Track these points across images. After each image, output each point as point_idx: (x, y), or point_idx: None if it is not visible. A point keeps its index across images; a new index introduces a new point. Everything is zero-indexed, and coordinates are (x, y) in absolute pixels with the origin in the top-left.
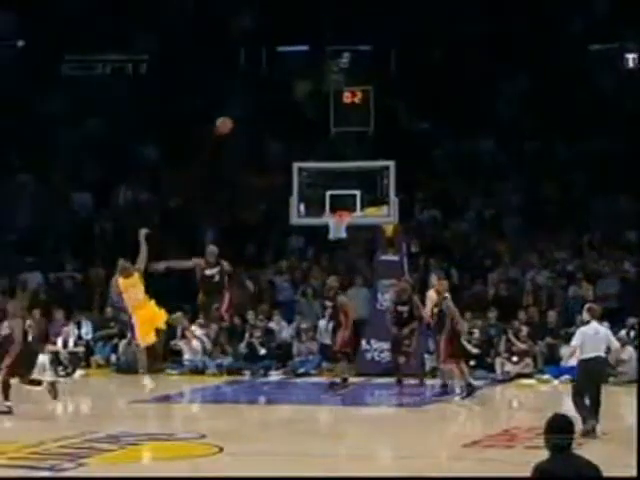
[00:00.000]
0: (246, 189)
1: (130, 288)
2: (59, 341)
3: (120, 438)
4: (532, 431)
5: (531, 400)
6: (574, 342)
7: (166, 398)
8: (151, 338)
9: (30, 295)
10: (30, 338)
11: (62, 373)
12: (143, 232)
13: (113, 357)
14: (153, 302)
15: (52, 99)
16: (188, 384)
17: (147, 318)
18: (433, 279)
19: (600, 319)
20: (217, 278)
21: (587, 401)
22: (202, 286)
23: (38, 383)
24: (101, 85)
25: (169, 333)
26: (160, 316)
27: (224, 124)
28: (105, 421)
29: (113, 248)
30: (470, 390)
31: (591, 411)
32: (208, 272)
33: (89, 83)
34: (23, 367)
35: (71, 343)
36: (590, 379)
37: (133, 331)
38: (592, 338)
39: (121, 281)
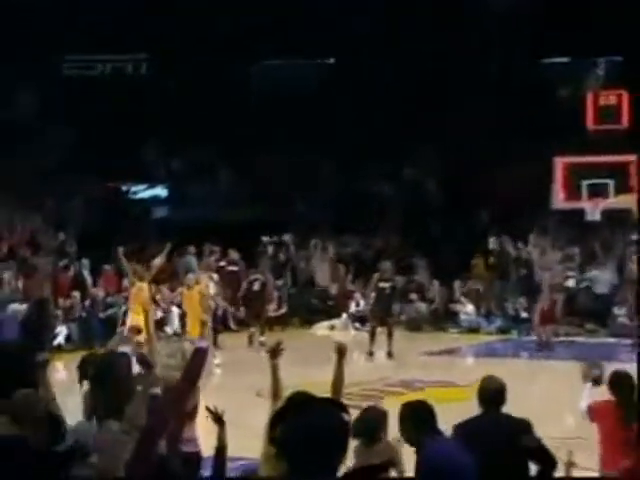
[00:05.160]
0: (512, 177)
1: (140, 292)
2: (352, 305)
3: (411, 383)
4: None
5: None
6: None
7: (448, 352)
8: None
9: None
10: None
11: (357, 325)
12: (120, 250)
13: (402, 317)
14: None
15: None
16: (465, 341)
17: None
18: None
19: None
20: (388, 290)
21: None
22: (377, 296)
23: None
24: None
25: (450, 295)
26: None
27: None
28: (399, 369)
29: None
30: None
31: None
32: (381, 285)
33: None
34: None
35: (362, 305)
36: None
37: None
38: None
39: (138, 284)
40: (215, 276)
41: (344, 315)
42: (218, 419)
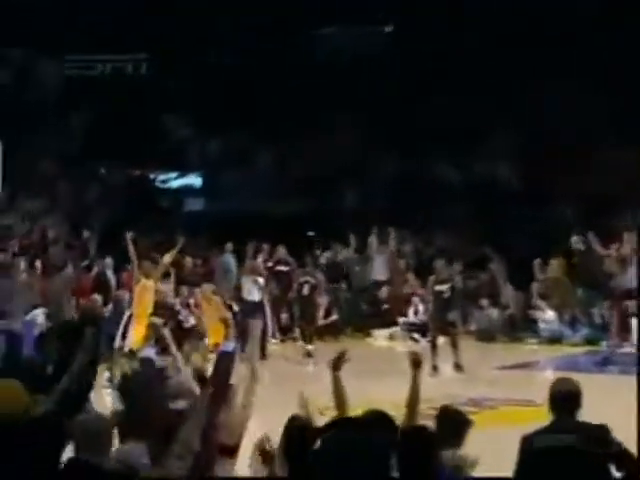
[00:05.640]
0: (602, 164)
1: (144, 291)
2: (410, 311)
3: (482, 401)
4: None
5: None
6: None
7: (525, 365)
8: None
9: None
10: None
11: (416, 336)
12: (129, 235)
13: (472, 326)
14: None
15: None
16: (546, 353)
17: (145, 326)
18: None
19: None
20: (447, 294)
21: None
22: (434, 301)
23: None
24: None
25: (527, 299)
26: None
27: None
28: (468, 385)
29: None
30: None
31: None
32: (438, 287)
33: None
34: None
35: (421, 310)
36: None
37: (125, 332)
38: None
39: (144, 281)
40: (261, 280)
41: (401, 321)
42: (269, 458)
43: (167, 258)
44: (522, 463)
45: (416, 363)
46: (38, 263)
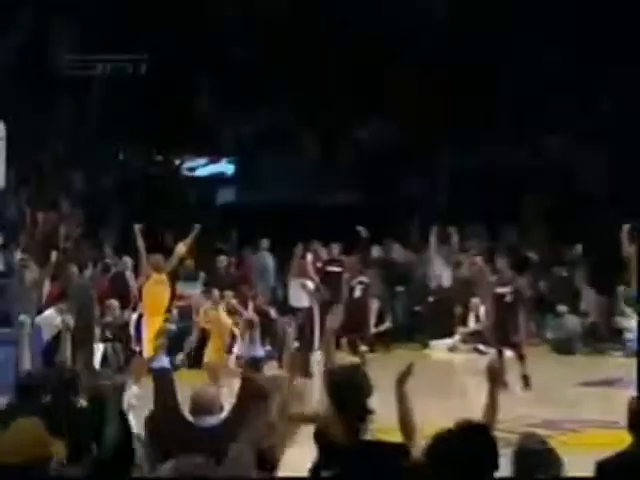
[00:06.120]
0: None
1: (158, 286)
2: (471, 318)
3: (560, 423)
4: None
5: None
6: None
7: (609, 382)
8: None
9: None
10: None
11: (481, 348)
12: (137, 227)
13: (549, 334)
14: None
15: None
16: (633, 367)
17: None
18: None
19: None
20: (509, 298)
21: None
22: (495, 306)
23: None
24: None
25: (611, 305)
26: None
27: None
28: (543, 404)
29: None
30: None
31: None
32: (499, 290)
33: None
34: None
35: (482, 317)
36: None
37: (140, 335)
38: None
39: (155, 276)
40: (310, 284)
41: (462, 330)
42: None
43: (181, 248)
44: None
45: (493, 377)
46: (50, 260)
